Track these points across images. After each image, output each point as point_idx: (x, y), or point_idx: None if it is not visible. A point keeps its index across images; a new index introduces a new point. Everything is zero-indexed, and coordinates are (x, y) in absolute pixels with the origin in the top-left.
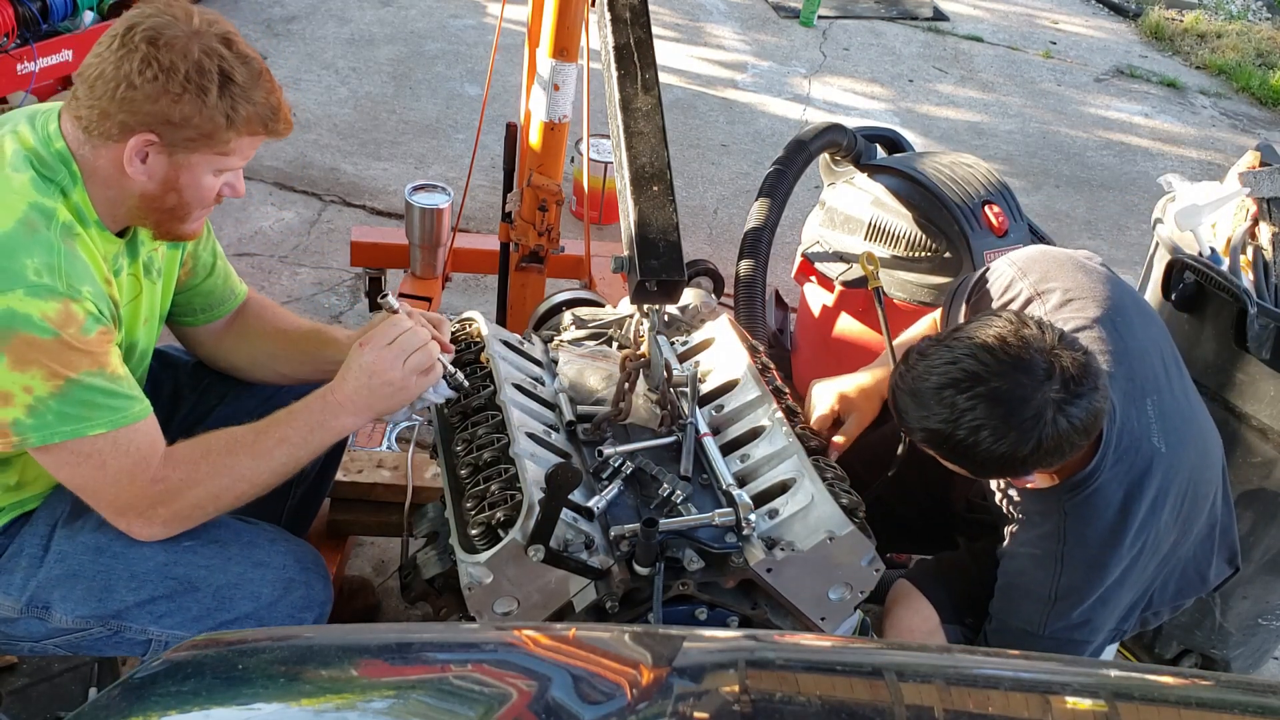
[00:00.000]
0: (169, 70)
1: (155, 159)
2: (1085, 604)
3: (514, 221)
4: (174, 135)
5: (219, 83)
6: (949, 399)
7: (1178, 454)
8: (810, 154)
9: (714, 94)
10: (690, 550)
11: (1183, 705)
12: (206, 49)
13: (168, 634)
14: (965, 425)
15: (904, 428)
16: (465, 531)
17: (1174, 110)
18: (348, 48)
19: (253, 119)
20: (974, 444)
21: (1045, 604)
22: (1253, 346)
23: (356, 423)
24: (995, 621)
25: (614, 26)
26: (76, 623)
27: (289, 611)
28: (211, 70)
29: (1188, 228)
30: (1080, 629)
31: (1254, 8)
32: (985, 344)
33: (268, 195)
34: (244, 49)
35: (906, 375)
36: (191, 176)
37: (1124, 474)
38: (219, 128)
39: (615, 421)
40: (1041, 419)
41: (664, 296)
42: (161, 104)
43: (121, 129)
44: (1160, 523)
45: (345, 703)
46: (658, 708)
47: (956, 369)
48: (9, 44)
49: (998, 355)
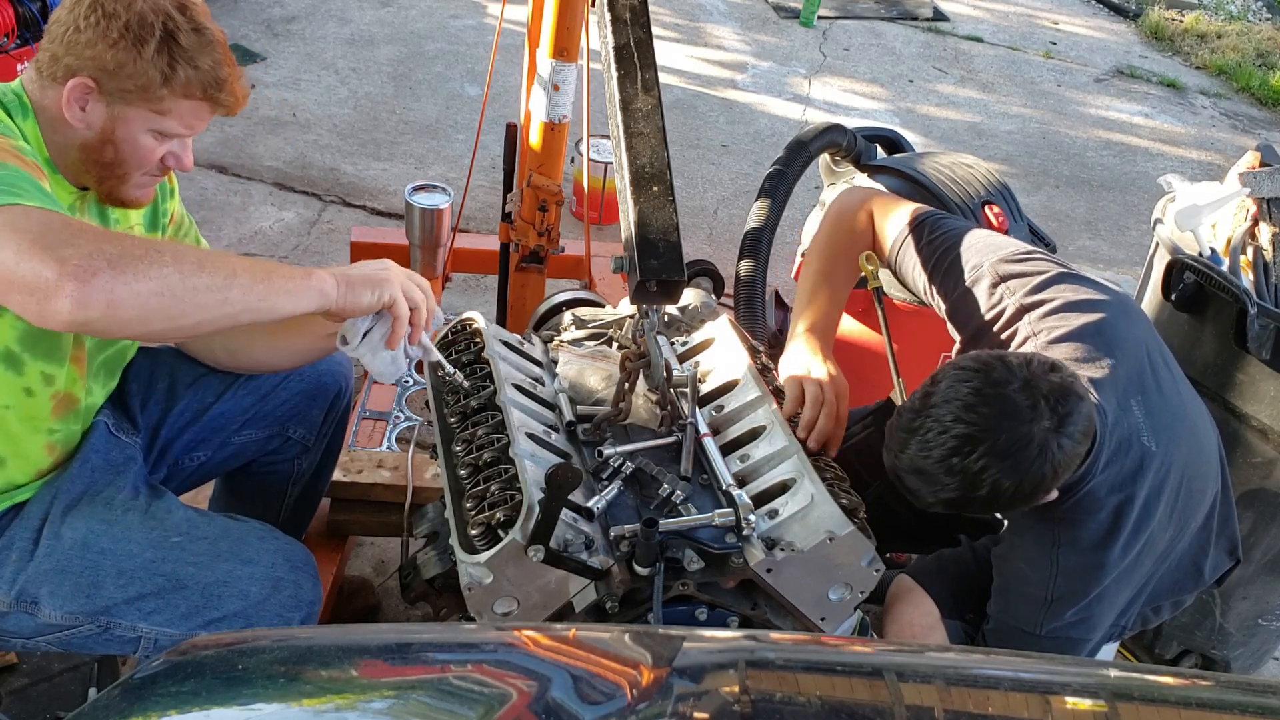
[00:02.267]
0: (110, 16)
1: (94, 107)
2: (1081, 604)
3: (514, 221)
4: (110, 84)
5: (160, 38)
6: (957, 467)
7: (1169, 452)
8: (810, 154)
9: (714, 94)
10: (690, 550)
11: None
12: (155, 6)
13: (157, 631)
14: (985, 485)
15: (921, 504)
16: (465, 532)
17: (1174, 110)
18: (348, 48)
19: (192, 82)
20: (995, 495)
21: (1041, 605)
22: (1253, 346)
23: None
24: (993, 621)
25: (614, 26)
26: (66, 619)
27: (277, 611)
28: (154, 25)
29: (1188, 228)
30: (1077, 627)
31: (1254, 8)
32: (967, 404)
33: (268, 195)
34: (199, 19)
35: (904, 456)
36: (127, 130)
37: (1115, 476)
38: (153, 82)
39: (615, 422)
40: (1047, 451)
41: (664, 296)
42: (99, 48)
43: (66, 71)
44: (1154, 522)
45: (345, 703)
46: (658, 708)
47: (950, 438)
48: (9, 44)
49: (983, 411)
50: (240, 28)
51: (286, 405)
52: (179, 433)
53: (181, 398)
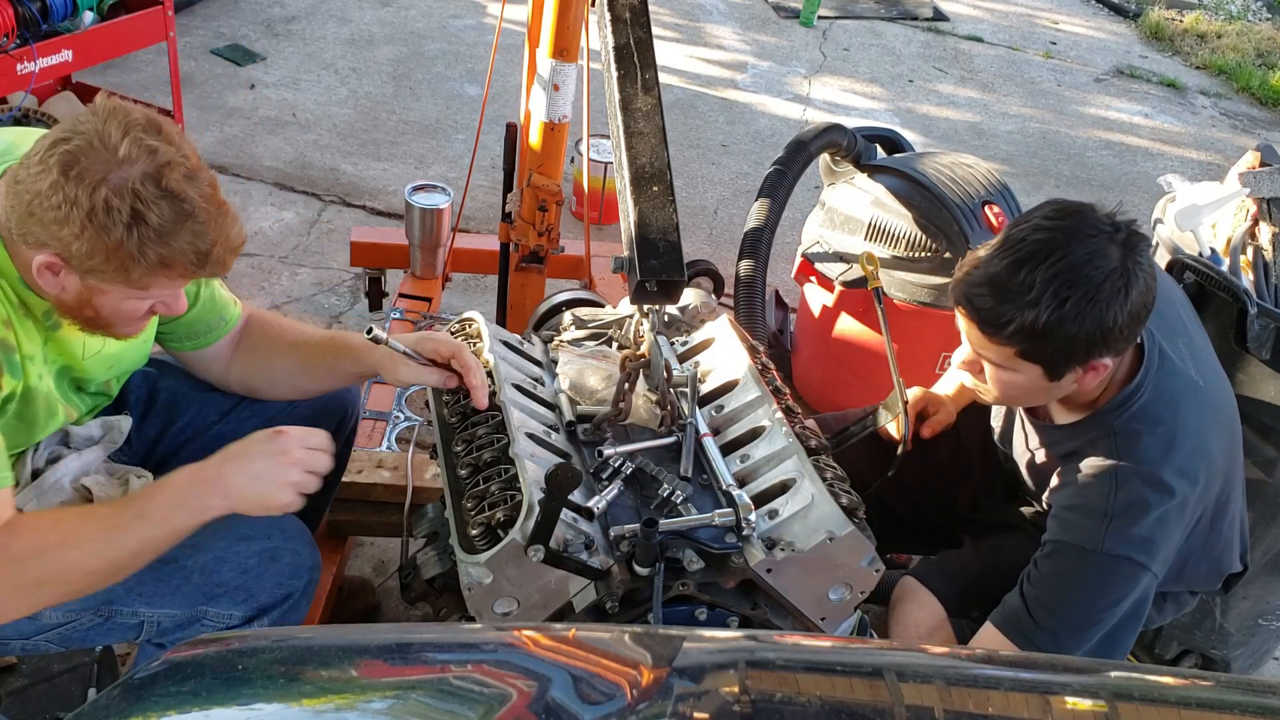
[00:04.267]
0: (73, 203)
1: (67, 276)
2: (1143, 522)
3: (514, 221)
4: (80, 264)
5: (126, 223)
6: (1027, 279)
7: (1217, 393)
8: (810, 154)
9: (714, 94)
10: (690, 550)
11: (1183, 705)
12: (119, 187)
13: (159, 614)
14: (1053, 296)
15: (992, 334)
16: (465, 532)
17: (1174, 110)
18: (348, 48)
19: (168, 261)
20: (1063, 319)
21: (1102, 519)
22: (1253, 346)
23: (224, 506)
24: (1049, 546)
25: (614, 26)
26: (66, 615)
27: (278, 579)
28: (119, 209)
29: (1188, 228)
30: (1138, 548)
31: (1254, 8)
32: (1039, 225)
33: (267, 195)
34: (174, 182)
35: (977, 271)
36: (107, 300)
37: (1169, 394)
38: (125, 268)
39: (615, 422)
40: (1124, 270)
41: (664, 296)
42: (63, 234)
43: (35, 240)
44: (1211, 453)
45: (345, 703)
46: (658, 708)
47: (1026, 246)
48: (9, 44)
49: (1057, 225)
50: (240, 28)
51: None
52: (177, 449)
53: (183, 414)
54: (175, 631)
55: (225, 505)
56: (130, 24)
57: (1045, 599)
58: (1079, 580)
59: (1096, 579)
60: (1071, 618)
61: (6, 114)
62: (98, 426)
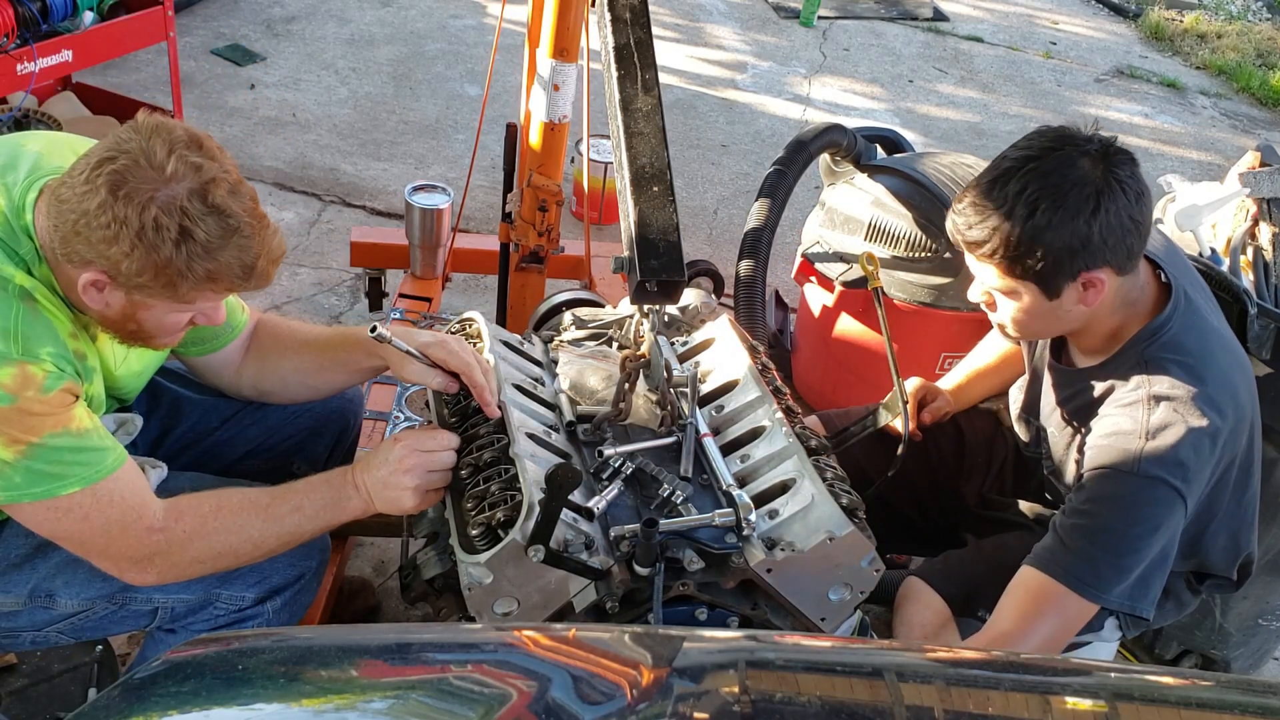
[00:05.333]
0: (123, 222)
1: (112, 293)
2: (1179, 443)
3: (514, 221)
4: (127, 281)
5: (175, 240)
6: (1000, 194)
7: (1240, 351)
8: (810, 154)
9: (714, 94)
10: (690, 550)
11: (1183, 705)
12: (168, 204)
13: (173, 599)
14: (1023, 206)
15: (978, 253)
16: (465, 532)
17: (1174, 110)
18: (348, 48)
19: (215, 275)
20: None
21: (1139, 440)
22: (1253, 346)
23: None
24: (1086, 476)
25: (614, 26)
26: (81, 604)
27: (290, 560)
28: (169, 227)
29: (1188, 228)
30: (1175, 471)
31: (1254, 8)
32: (1018, 145)
33: (267, 195)
34: (219, 198)
35: (964, 193)
36: (150, 314)
37: (1197, 331)
38: (172, 284)
39: (615, 422)
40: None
41: (664, 297)
42: (112, 252)
43: (80, 259)
44: (1238, 394)
45: (345, 703)
46: (658, 708)
47: (1005, 164)
48: (9, 44)
49: (1033, 144)
50: (240, 28)
51: (292, 440)
52: (178, 453)
53: (185, 419)
54: (188, 616)
55: (364, 507)
56: (130, 24)
57: (1084, 526)
58: (1117, 503)
59: (1134, 501)
60: (1110, 542)
61: (6, 114)
62: (112, 422)
